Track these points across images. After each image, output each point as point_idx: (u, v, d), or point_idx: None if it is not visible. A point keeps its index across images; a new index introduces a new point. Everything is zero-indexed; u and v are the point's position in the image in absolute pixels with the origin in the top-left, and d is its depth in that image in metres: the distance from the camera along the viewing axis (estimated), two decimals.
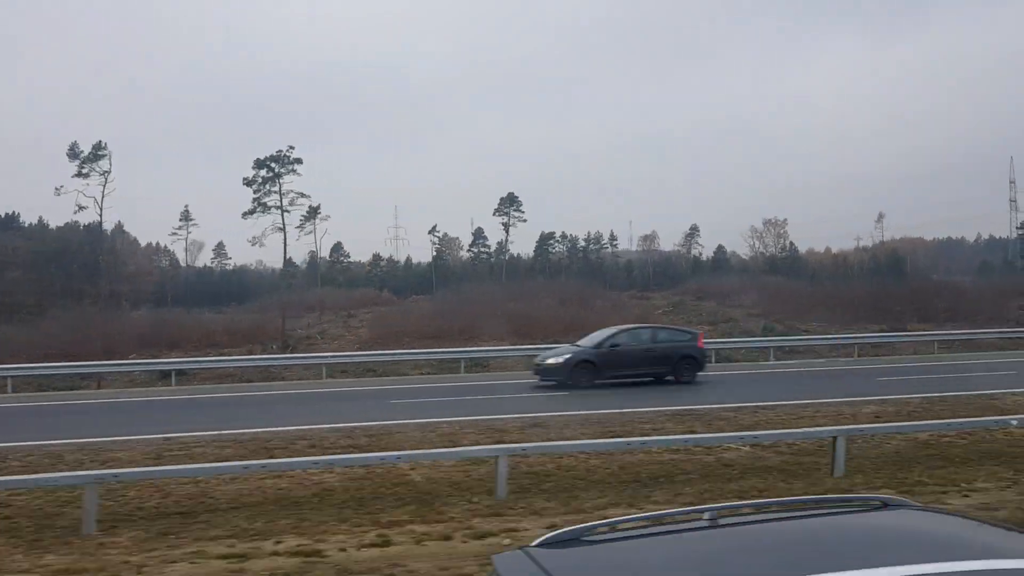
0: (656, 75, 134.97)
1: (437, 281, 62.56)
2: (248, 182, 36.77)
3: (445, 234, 72.95)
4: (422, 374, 25.75)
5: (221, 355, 29.11)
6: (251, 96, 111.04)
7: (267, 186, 36.39)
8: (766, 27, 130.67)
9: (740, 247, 75.97)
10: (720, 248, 72.29)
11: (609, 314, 41.42)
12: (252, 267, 73.79)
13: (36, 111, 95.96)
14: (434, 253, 70.19)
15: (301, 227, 47.52)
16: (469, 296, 43.61)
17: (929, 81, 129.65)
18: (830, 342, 28.74)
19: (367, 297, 54.32)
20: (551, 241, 69.11)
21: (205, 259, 74.31)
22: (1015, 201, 77.24)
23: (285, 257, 42.11)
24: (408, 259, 73.43)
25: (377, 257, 71.37)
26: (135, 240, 64.81)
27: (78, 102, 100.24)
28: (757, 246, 73.99)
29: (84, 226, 55.73)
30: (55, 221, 56.06)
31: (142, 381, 25.54)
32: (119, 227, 62.93)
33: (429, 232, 69.11)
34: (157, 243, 70.04)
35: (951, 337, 29.15)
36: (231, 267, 72.41)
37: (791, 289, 47.76)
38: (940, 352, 27.68)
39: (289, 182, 36.01)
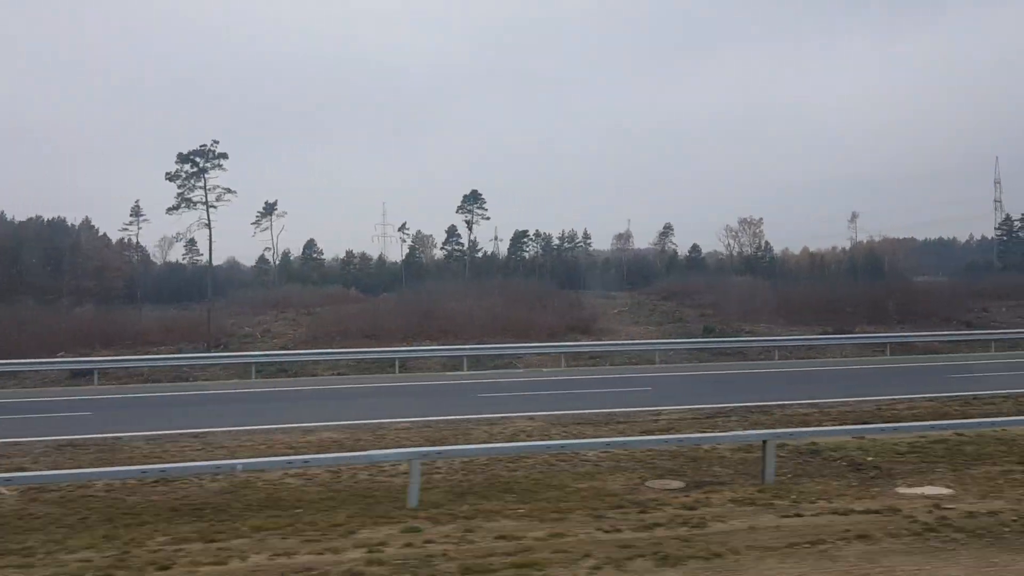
0: (656, 75, 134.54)
1: (408, 279, 62.10)
2: (171, 177, 36.29)
3: (419, 232, 72.65)
4: (336, 375, 25.21)
5: (147, 355, 28.69)
6: (251, 95, 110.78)
7: (191, 181, 35.89)
8: (766, 27, 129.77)
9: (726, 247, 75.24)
10: (695, 247, 71.49)
11: (561, 313, 40.98)
12: (234, 263, 73.20)
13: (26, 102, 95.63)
14: (406, 251, 69.82)
15: (257, 223, 46.91)
16: (420, 296, 43.13)
17: (929, 81, 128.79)
18: (763, 344, 28.05)
19: (336, 295, 53.93)
20: (524, 239, 68.45)
21: (177, 255, 73.70)
22: (1000, 201, 76.51)
23: (211, 254, 41.74)
24: (381, 256, 73.01)
25: (350, 255, 70.97)
26: (104, 235, 64.25)
27: (82, 99, 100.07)
28: (732, 245, 73.23)
29: (47, 221, 55.40)
30: None
31: (52, 379, 25.11)
32: (86, 222, 62.61)
33: (399, 229, 68.73)
34: (129, 239, 69.51)
35: (888, 339, 28.34)
36: (203, 263, 71.76)
37: (754, 289, 47.01)
38: (872, 356, 27.03)
39: (214, 177, 35.64)
